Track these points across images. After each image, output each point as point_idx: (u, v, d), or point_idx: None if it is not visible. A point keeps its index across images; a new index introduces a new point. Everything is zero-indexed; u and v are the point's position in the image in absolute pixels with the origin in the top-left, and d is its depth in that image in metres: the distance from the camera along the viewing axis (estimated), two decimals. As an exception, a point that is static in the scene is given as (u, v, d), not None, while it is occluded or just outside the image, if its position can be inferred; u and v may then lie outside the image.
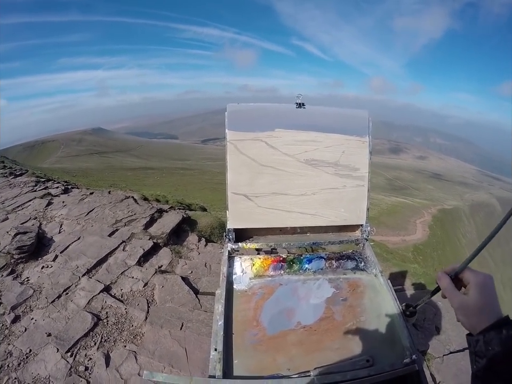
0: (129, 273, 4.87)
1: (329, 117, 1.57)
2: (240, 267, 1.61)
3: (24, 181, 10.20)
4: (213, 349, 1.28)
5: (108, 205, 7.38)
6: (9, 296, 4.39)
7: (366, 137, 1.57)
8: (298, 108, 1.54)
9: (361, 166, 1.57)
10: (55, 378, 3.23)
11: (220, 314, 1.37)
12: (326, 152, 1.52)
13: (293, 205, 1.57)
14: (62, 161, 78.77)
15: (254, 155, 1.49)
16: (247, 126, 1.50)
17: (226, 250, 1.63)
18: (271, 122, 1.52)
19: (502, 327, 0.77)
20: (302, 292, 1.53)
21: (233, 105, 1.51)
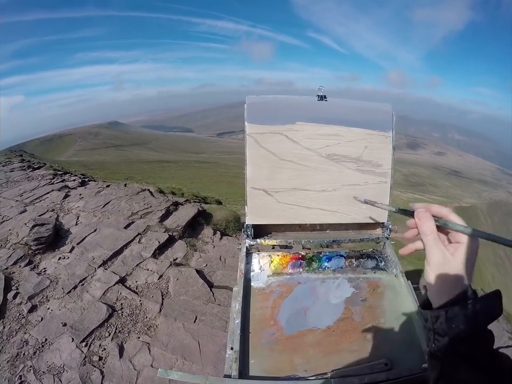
0: (145, 265, 4.89)
1: (352, 110, 1.52)
2: (258, 264, 1.57)
3: (42, 174, 10.36)
4: (229, 347, 1.25)
5: (124, 198, 7.44)
6: (26, 286, 4.46)
7: (389, 132, 1.51)
8: (320, 100, 1.49)
9: (384, 162, 1.51)
10: (69, 367, 3.28)
11: (237, 312, 1.33)
12: (348, 147, 1.46)
13: (313, 201, 1.52)
14: (79, 154, 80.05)
15: (274, 149, 1.44)
16: (267, 119, 1.46)
17: (244, 246, 1.59)
18: (291, 115, 1.47)
19: (468, 302, 0.67)
20: (321, 291, 1.50)
21: (252, 97, 1.47)
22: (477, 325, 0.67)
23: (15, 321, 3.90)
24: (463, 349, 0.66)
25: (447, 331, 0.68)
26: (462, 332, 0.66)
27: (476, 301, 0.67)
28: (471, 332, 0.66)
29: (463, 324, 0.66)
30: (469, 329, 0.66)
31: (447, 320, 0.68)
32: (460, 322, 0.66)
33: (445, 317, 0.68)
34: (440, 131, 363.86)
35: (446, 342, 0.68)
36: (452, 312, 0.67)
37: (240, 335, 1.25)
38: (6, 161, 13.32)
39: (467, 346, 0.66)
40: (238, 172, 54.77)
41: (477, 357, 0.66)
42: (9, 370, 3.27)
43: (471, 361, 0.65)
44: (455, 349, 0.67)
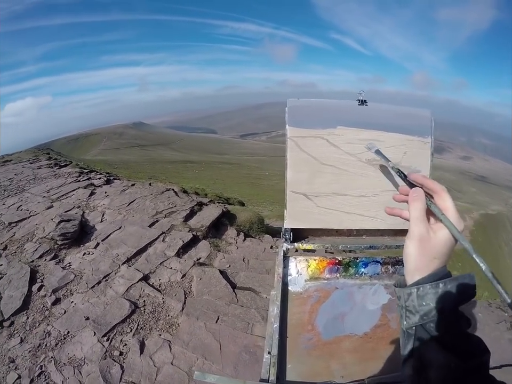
0: (168, 264, 4.92)
1: (391, 115, 1.49)
2: (295, 268, 1.54)
3: (68, 171, 10.59)
4: (267, 352, 1.23)
5: (149, 197, 7.52)
6: (51, 279, 4.55)
7: (428, 137, 1.47)
8: (360, 105, 1.46)
9: (422, 168, 1.48)
10: (90, 360, 3.32)
11: (275, 317, 1.31)
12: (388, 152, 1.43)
13: (353, 206, 1.49)
14: (104, 153, 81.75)
15: (315, 153, 1.42)
16: (308, 122, 1.43)
17: (281, 250, 1.57)
18: (332, 119, 1.45)
19: (439, 281, 0.68)
20: (358, 297, 1.46)
21: (293, 100, 1.45)
22: (447, 305, 0.67)
23: (39, 313, 3.98)
24: (433, 327, 0.67)
25: (418, 309, 0.69)
26: (432, 310, 0.67)
27: (447, 281, 0.68)
28: (441, 311, 0.67)
29: (433, 303, 0.67)
30: (438, 308, 0.67)
31: (418, 298, 0.69)
32: (430, 300, 0.67)
33: (416, 294, 0.69)
34: (466, 135, 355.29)
35: (416, 319, 0.69)
36: (423, 290, 0.68)
37: (278, 340, 1.23)
38: (33, 159, 13.67)
39: (436, 324, 0.67)
40: (260, 173, 54.92)
41: (446, 336, 0.66)
42: (31, 360, 3.33)
43: (440, 340, 0.66)
44: (425, 326, 0.68)
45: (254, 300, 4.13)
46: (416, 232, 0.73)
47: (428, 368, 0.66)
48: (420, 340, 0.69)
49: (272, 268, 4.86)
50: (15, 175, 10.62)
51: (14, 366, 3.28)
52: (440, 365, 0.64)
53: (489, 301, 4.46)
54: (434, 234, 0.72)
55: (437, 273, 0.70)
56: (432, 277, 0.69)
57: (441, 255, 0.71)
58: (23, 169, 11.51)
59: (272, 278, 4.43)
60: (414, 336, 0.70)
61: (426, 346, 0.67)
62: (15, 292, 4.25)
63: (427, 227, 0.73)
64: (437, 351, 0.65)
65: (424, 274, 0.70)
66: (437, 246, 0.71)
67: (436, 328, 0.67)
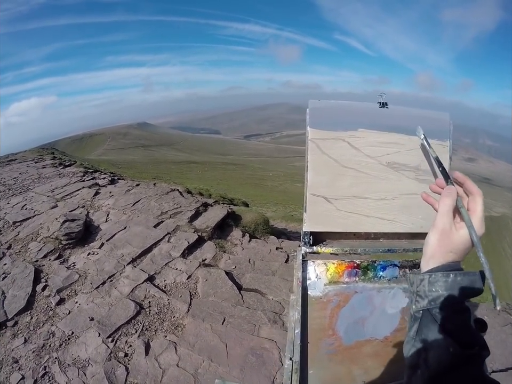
0: (173, 265, 4.89)
1: (411, 118, 1.47)
2: (314, 272, 1.51)
3: (73, 171, 10.62)
4: (288, 358, 1.20)
5: (154, 197, 7.50)
6: (55, 279, 4.53)
7: (446, 141, 1.45)
8: (381, 107, 1.43)
9: None
10: (94, 361, 3.29)
11: (296, 322, 1.28)
12: (408, 156, 1.42)
13: (372, 209, 1.46)
14: (108, 153, 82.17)
15: (336, 155, 1.39)
16: (329, 124, 1.41)
17: (299, 253, 1.53)
18: (353, 121, 1.42)
19: (451, 272, 0.73)
20: (377, 300, 1.43)
21: (314, 101, 1.42)
22: (455, 295, 0.71)
23: (43, 313, 3.96)
24: (438, 312, 0.71)
25: (427, 294, 0.73)
26: (440, 296, 0.72)
27: (458, 274, 0.72)
28: (448, 299, 0.71)
29: (442, 290, 0.72)
30: (446, 296, 0.71)
31: (429, 284, 0.73)
32: (439, 287, 0.72)
33: (428, 280, 0.73)
34: (470, 136, 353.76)
35: (425, 303, 0.73)
36: (434, 277, 0.73)
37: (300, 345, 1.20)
38: (38, 158, 13.74)
39: (442, 311, 0.71)
40: (264, 174, 54.97)
41: (449, 322, 0.70)
42: (34, 361, 3.31)
43: (443, 325, 0.70)
44: (431, 311, 0.72)
45: (260, 301, 4.09)
46: (440, 224, 0.77)
47: (428, 349, 0.70)
48: (424, 323, 0.73)
49: (278, 270, 4.84)
50: (19, 174, 10.66)
51: (17, 366, 3.25)
52: (439, 347, 0.68)
53: (495, 304, 4.41)
54: (456, 231, 0.75)
55: (450, 265, 0.74)
56: (445, 267, 0.74)
57: (457, 250, 0.75)
58: (28, 168, 11.56)
59: (279, 280, 4.41)
60: (420, 319, 0.74)
61: (429, 329, 0.71)
62: (19, 292, 4.23)
63: (451, 222, 0.77)
64: (439, 335, 0.69)
65: (439, 264, 0.75)
66: (455, 242, 0.75)
67: (441, 314, 0.71)
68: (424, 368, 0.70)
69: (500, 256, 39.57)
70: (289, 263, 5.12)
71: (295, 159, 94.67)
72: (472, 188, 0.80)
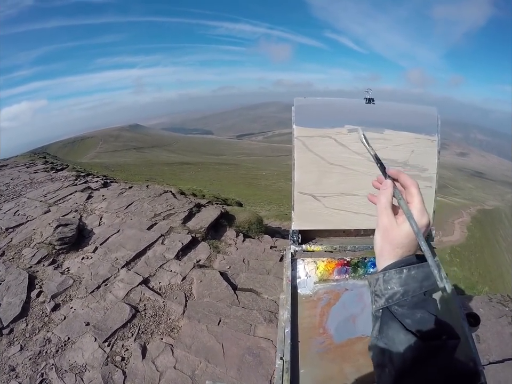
0: (168, 267, 4.89)
1: (398, 113, 1.47)
2: (304, 270, 1.51)
3: (65, 175, 10.55)
4: (279, 357, 1.20)
5: (147, 199, 7.48)
6: (50, 285, 4.51)
7: (435, 136, 1.46)
8: (367, 103, 1.43)
9: (429, 166, 1.46)
10: (91, 366, 3.28)
11: (286, 321, 1.28)
12: (396, 151, 1.42)
13: (361, 206, 1.47)
14: (100, 156, 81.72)
15: (323, 153, 1.39)
16: (315, 122, 1.41)
17: (289, 252, 1.54)
18: (340, 118, 1.42)
19: (404, 267, 0.73)
20: (367, 297, 1.44)
21: (300, 99, 1.42)
22: (411, 289, 0.71)
23: (38, 319, 3.93)
24: (397, 309, 0.71)
25: (383, 292, 0.73)
26: (396, 293, 0.71)
27: (412, 268, 0.72)
28: (404, 294, 0.71)
29: (397, 286, 0.71)
30: (402, 292, 0.71)
31: (384, 282, 0.73)
32: (394, 284, 0.72)
33: (382, 279, 0.74)
34: (462, 131, 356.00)
35: (382, 302, 0.73)
36: (388, 275, 0.73)
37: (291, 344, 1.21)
38: (30, 163, 13.63)
39: (400, 307, 0.71)
40: (257, 173, 54.92)
41: (408, 318, 0.69)
42: (31, 368, 3.29)
43: (403, 321, 0.69)
44: (390, 309, 0.72)
45: (255, 301, 4.11)
46: (380, 222, 0.79)
47: (391, 347, 0.70)
48: (385, 321, 0.73)
49: (272, 269, 4.85)
50: (11, 179, 10.56)
51: (14, 374, 3.23)
52: (401, 344, 0.68)
53: (490, 296, 4.47)
54: (397, 226, 0.76)
55: (403, 260, 0.74)
56: (398, 264, 0.74)
57: (403, 245, 0.74)
58: (19, 173, 11.46)
59: (273, 279, 4.41)
60: (380, 318, 0.74)
61: (390, 327, 0.71)
62: (13, 299, 4.20)
63: (391, 218, 0.77)
64: (399, 331, 0.69)
65: (391, 261, 0.75)
66: (398, 237, 0.74)
67: (400, 310, 0.71)
68: (390, 366, 0.70)
69: (494, 249, 39.80)
70: (283, 262, 5.13)
71: (288, 157, 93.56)
72: (406, 180, 0.81)
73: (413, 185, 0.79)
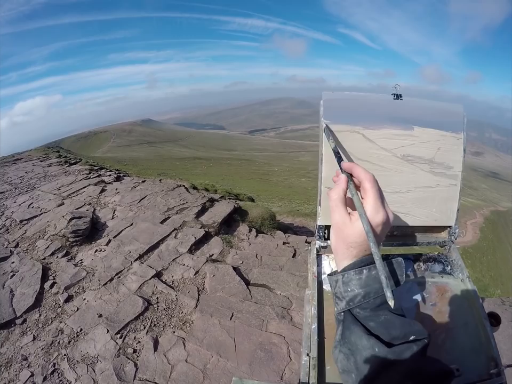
0: (181, 261, 4.89)
1: (425, 110, 1.44)
2: (329, 266, 1.49)
3: (79, 169, 10.65)
4: (305, 354, 1.18)
5: (160, 193, 7.51)
6: (63, 276, 4.55)
7: (461, 133, 1.43)
8: (395, 99, 1.40)
9: (455, 164, 1.43)
10: (103, 358, 3.30)
11: (312, 317, 1.25)
12: (422, 148, 1.39)
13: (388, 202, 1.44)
14: (113, 150, 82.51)
15: (351, 148, 1.36)
16: (343, 117, 1.37)
17: (314, 248, 1.51)
18: (368, 113, 1.39)
19: (363, 267, 0.69)
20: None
21: (328, 93, 1.38)
22: (372, 290, 0.68)
23: (51, 310, 3.98)
24: (359, 312, 0.68)
25: (344, 295, 0.70)
26: (356, 295, 0.68)
27: (372, 267, 0.68)
28: (365, 296, 0.68)
29: (357, 288, 0.68)
30: (363, 293, 0.68)
31: (343, 284, 0.70)
32: (354, 286, 0.68)
33: (342, 280, 0.70)
34: (477, 130, 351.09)
35: (343, 305, 0.70)
36: (347, 277, 0.69)
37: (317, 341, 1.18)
38: (44, 157, 13.81)
39: (362, 309, 0.68)
40: (269, 169, 54.91)
41: (371, 321, 0.67)
42: (43, 358, 3.33)
43: (365, 324, 0.67)
44: (352, 312, 0.69)
45: (268, 296, 4.08)
46: (332, 219, 0.75)
47: (355, 352, 0.67)
48: (347, 325, 0.70)
49: (285, 265, 4.82)
50: (25, 173, 10.72)
51: (26, 363, 3.27)
52: (364, 349, 0.65)
53: (503, 299, 4.41)
54: (351, 224, 0.71)
55: (363, 260, 0.70)
56: (357, 264, 0.70)
57: (356, 244, 0.70)
58: (34, 167, 11.62)
59: (286, 275, 4.39)
60: (342, 321, 0.71)
61: (352, 332, 0.68)
62: (27, 289, 4.25)
63: (343, 216, 0.73)
64: (362, 336, 0.66)
65: (347, 261, 0.71)
66: (351, 236, 0.70)
67: (362, 313, 0.68)
68: (356, 373, 0.67)
69: (506, 251, 39.29)
70: (296, 258, 5.10)
71: (300, 153, 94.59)
72: (359, 174, 0.76)
73: (367, 179, 0.74)
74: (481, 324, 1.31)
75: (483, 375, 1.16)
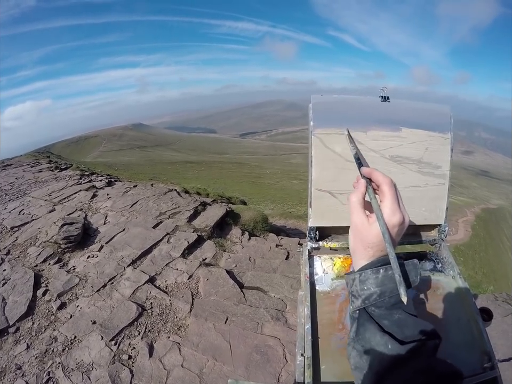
0: (174, 265, 4.88)
1: (413, 111, 1.47)
2: (321, 267, 1.51)
3: (69, 174, 10.59)
4: (299, 354, 1.19)
5: (152, 198, 7.49)
6: (56, 283, 4.51)
7: (448, 133, 1.46)
8: (383, 101, 1.43)
9: (443, 163, 1.46)
10: (98, 365, 3.27)
11: (306, 317, 1.27)
12: (410, 149, 1.42)
13: None
14: (104, 155, 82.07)
15: (340, 150, 1.39)
16: (332, 119, 1.40)
17: (305, 249, 1.53)
18: (356, 115, 1.42)
19: (380, 267, 0.71)
20: None
21: (317, 96, 1.41)
22: (387, 289, 0.69)
23: (44, 318, 3.93)
24: (374, 310, 0.70)
25: (360, 293, 0.72)
26: (372, 294, 0.70)
27: (389, 267, 0.70)
28: (381, 295, 0.70)
29: (373, 287, 0.70)
30: (379, 292, 0.70)
31: (360, 283, 0.72)
32: (371, 285, 0.71)
33: (359, 279, 0.73)
34: (466, 129, 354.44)
35: (359, 303, 0.72)
36: (364, 276, 0.72)
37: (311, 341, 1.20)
38: (34, 162, 13.71)
39: (377, 308, 0.70)
40: (261, 172, 54.96)
41: (385, 319, 0.68)
42: (38, 366, 3.29)
43: (379, 322, 0.68)
44: (367, 310, 0.71)
45: (262, 299, 4.09)
46: (352, 221, 0.78)
47: (368, 350, 0.68)
48: (361, 322, 0.71)
49: (278, 267, 4.83)
50: (15, 179, 10.62)
51: (21, 373, 3.23)
52: (378, 346, 0.66)
53: (495, 295, 4.47)
54: (369, 226, 0.74)
55: (380, 260, 0.73)
56: (375, 263, 0.72)
57: (373, 245, 0.73)
58: (24, 173, 11.52)
59: (280, 277, 4.40)
60: (357, 319, 0.73)
61: (367, 329, 0.69)
62: (19, 297, 4.21)
63: (361, 217, 0.76)
64: (375, 333, 0.67)
65: (365, 261, 0.74)
66: (369, 237, 0.73)
67: (377, 311, 0.70)
68: (368, 370, 0.68)
69: (498, 248, 39.71)
70: (289, 260, 5.12)
71: (292, 156, 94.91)
72: (378, 177, 0.80)
73: (385, 183, 0.78)
74: (473, 319, 1.33)
75: (477, 369, 1.17)
